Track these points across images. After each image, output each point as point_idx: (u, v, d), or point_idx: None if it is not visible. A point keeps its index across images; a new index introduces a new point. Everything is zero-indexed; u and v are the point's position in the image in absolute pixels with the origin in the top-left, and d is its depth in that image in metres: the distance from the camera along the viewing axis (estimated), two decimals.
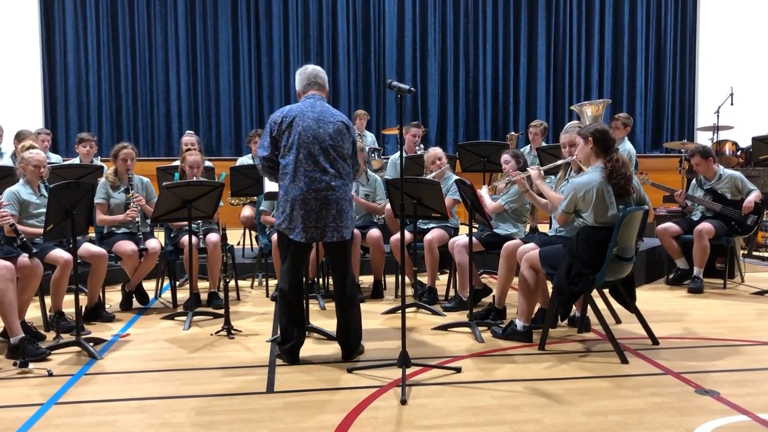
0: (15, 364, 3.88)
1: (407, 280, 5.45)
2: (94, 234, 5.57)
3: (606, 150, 4.10)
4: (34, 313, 4.80)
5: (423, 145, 7.83)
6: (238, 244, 7.34)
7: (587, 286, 4.02)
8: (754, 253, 7.57)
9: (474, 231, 4.83)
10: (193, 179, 5.40)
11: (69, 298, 4.70)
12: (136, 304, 5.53)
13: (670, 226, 6.27)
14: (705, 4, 12.01)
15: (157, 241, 5.40)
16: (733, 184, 6.13)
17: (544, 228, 6.26)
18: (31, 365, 3.87)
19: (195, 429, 3.05)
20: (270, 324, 4.91)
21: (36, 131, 7.51)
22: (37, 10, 10.78)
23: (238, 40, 11.31)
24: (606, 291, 4.49)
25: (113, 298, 5.69)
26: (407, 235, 5.34)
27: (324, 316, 5.09)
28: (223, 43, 11.28)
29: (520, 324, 4.39)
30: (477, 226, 5.27)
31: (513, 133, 9.99)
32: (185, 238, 5.21)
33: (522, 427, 3.02)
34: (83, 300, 4.90)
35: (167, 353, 4.27)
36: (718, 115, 9.17)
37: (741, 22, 11.63)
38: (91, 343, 4.27)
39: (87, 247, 4.91)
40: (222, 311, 4.78)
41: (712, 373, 3.76)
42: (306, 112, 3.89)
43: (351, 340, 4.03)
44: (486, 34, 11.77)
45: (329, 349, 4.24)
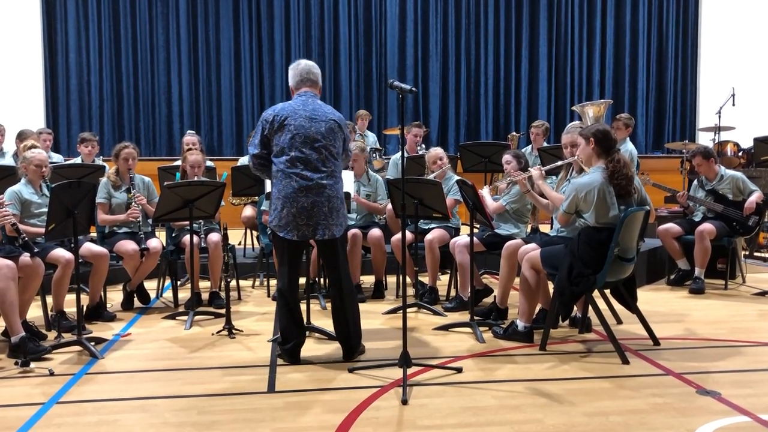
0: (16, 364, 3.89)
1: (408, 280, 5.45)
2: (95, 233, 5.57)
3: (607, 150, 4.10)
4: (35, 313, 4.80)
5: (424, 145, 7.83)
6: (240, 243, 7.35)
7: (588, 287, 4.02)
8: (756, 253, 7.56)
9: (475, 231, 4.83)
10: (195, 179, 5.40)
11: (70, 298, 4.70)
12: (137, 303, 5.54)
13: (672, 226, 6.26)
14: (707, 4, 12.01)
15: (158, 240, 5.41)
16: (734, 185, 6.13)
17: (545, 228, 6.25)
18: (32, 364, 3.88)
19: (196, 428, 3.05)
20: (271, 324, 4.91)
21: (38, 131, 7.52)
22: (39, 10, 10.79)
23: (240, 40, 11.32)
24: (607, 291, 4.49)
25: (114, 297, 5.70)
26: (408, 235, 5.34)
27: (325, 316, 5.09)
28: (225, 43, 11.28)
29: (521, 324, 4.39)
30: (478, 226, 5.27)
31: (514, 133, 9.99)
32: (186, 238, 5.21)
33: (523, 428, 3.01)
34: (84, 299, 4.90)
35: (168, 353, 4.27)
36: (719, 116, 9.16)
37: (742, 22, 11.62)
38: (93, 343, 4.27)
39: (88, 247, 4.91)
40: (223, 311, 4.78)
41: (714, 373, 3.76)
42: (298, 111, 3.89)
43: (351, 340, 4.03)
44: (487, 34, 11.77)
45: (330, 348, 4.25)
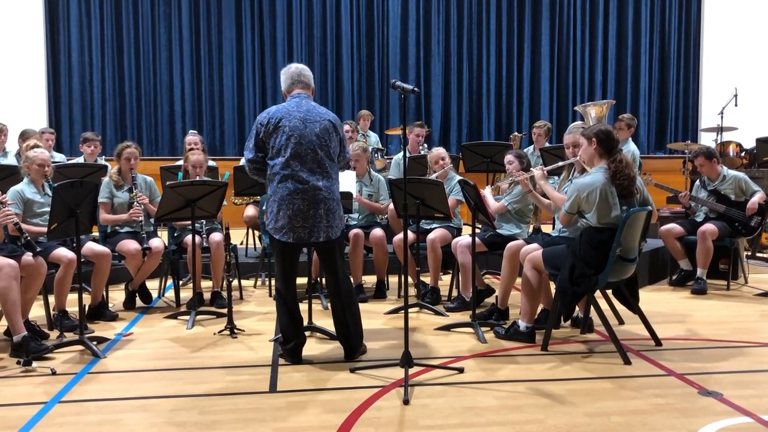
0: (19, 363, 3.90)
1: (410, 280, 5.45)
2: (97, 233, 5.58)
3: (610, 151, 4.10)
4: (37, 312, 4.81)
5: (426, 145, 7.83)
6: (242, 243, 7.35)
7: (590, 287, 4.02)
8: (758, 254, 7.56)
9: (477, 231, 4.83)
10: (197, 179, 5.40)
11: (72, 297, 4.71)
12: (139, 303, 5.55)
13: (674, 227, 6.25)
14: (709, 5, 11.99)
15: (160, 240, 5.41)
16: (737, 185, 6.12)
17: (547, 228, 6.26)
18: (34, 364, 3.89)
19: (198, 428, 3.05)
20: (273, 323, 4.91)
21: (40, 130, 7.53)
22: (42, 9, 10.80)
23: (242, 39, 11.32)
24: (609, 292, 4.48)
25: (116, 297, 5.70)
26: (410, 235, 5.34)
27: (327, 316, 5.07)
28: (227, 42, 11.29)
29: (522, 324, 4.38)
30: (480, 226, 5.27)
31: (516, 133, 9.99)
32: (188, 238, 5.22)
33: (525, 428, 3.01)
34: (87, 299, 4.91)
35: (170, 352, 4.28)
36: (722, 116, 9.15)
37: (745, 23, 11.60)
38: (95, 342, 4.28)
39: (90, 246, 4.92)
40: (225, 310, 4.79)
41: (716, 374, 3.76)
42: (292, 113, 3.89)
43: (352, 340, 4.03)
44: (490, 34, 11.77)
45: (332, 348, 4.25)
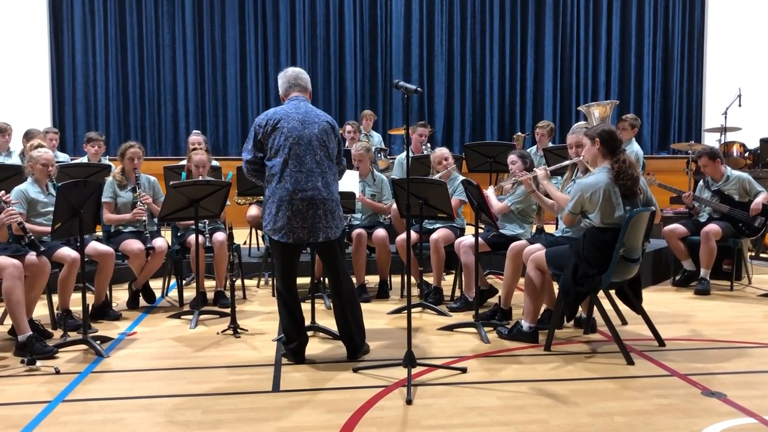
0: (23, 362, 3.91)
1: (413, 280, 5.44)
2: (101, 233, 5.59)
3: (613, 151, 4.10)
4: (41, 311, 4.82)
5: (429, 145, 7.82)
6: (245, 243, 7.36)
7: (593, 287, 4.01)
8: (762, 255, 7.54)
9: (480, 231, 4.83)
10: (200, 178, 5.41)
11: (76, 297, 4.71)
12: (142, 302, 5.55)
13: (677, 227, 6.24)
14: (713, 5, 11.96)
15: (163, 240, 5.42)
16: (740, 186, 6.10)
17: (550, 229, 6.25)
18: (38, 363, 3.90)
19: (201, 427, 3.06)
20: (276, 323, 4.91)
21: (44, 130, 7.55)
22: (46, 10, 10.83)
23: (246, 39, 11.33)
24: (612, 292, 4.48)
25: (120, 296, 5.71)
26: (413, 235, 5.33)
27: (330, 316, 5.07)
28: (231, 42, 11.30)
29: (525, 325, 4.38)
30: (483, 226, 5.27)
31: (519, 133, 9.97)
32: (192, 237, 5.23)
33: (528, 428, 3.01)
34: (90, 298, 4.92)
35: (173, 352, 4.28)
36: (725, 117, 9.14)
37: (749, 23, 11.57)
38: (98, 341, 4.29)
39: (94, 246, 4.93)
40: (228, 310, 4.79)
41: (719, 375, 3.75)
42: (291, 114, 3.89)
43: (354, 339, 4.03)
44: (493, 34, 11.76)
45: (335, 348, 4.25)
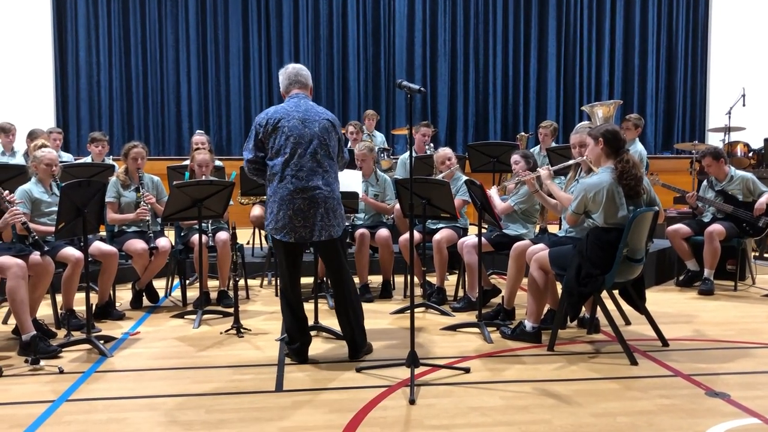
0: (27, 361, 3.92)
1: (416, 280, 5.45)
2: (104, 232, 5.60)
3: (617, 151, 4.09)
4: (45, 311, 4.83)
5: (433, 145, 7.82)
6: (248, 243, 7.37)
7: (597, 287, 4.01)
8: (766, 255, 7.52)
9: (483, 231, 4.83)
10: (203, 178, 5.42)
11: (80, 296, 4.73)
12: (146, 302, 5.56)
13: (681, 227, 6.23)
14: (717, 4, 11.94)
15: (167, 239, 5.43)
16: (744, 186, 6.09)
17: (553, 228, 6.24)
18: (42, 362, 3.90)
19: (204, 427, 3.06)
20: (279, 323, 4.90)
21: (48, 130, 7.57)
22: (50, 10, 10.85)
23: (249, 39, 11.34)
24: (615, 292, 4.48)
25: (124, 296, 5.72)
26: (416, 235, 5.34)
27: (333, 316, 5.07)
28: (234, 42, 11.31)
29: (529, 325, 4.38)
30: (486, 226, 5.26)
31: (523, 133, 9.97)
32: (195, 237, 5.23)
33: (531, 428, 3.01)
34: (94, 298, 4.93)
35: (177, 351, 4.29)
36: (729, 116, 9.11)
37: (753, 22, 11.55)
38: (102, 341, 4.30)
39: (98, 246, 4.94)
40: (231, 310, 4.80)
41: (723, 375, 3.75)
42: (291, 113, 3.89)
43: (356, 339, 4.04)
44: (496, 34, 11.75)
45: (338, 348, 4.26)
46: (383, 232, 5.68)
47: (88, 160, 7.03)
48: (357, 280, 5.12)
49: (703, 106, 12.11)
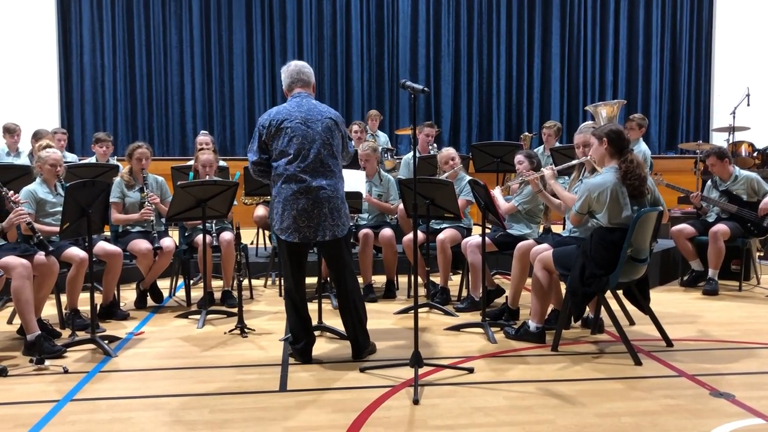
0: (31, 361, 3.93)
1: (420, 280, 5.44)
2: (109, 233, 5.62)
3: (620, 151, 4.08)
4: (50, 311, 4.84)
5: (436, 145, 7.82)
6: (252, 243, 7.37)
7: (601, 288, 4.00)
8: None
9: (487, 231, 4.82)
10: (207, 178, 5.43)
11: (84, 296, 4.74)
12: (150, 302, 5.57)
13: (685, 227, 6.22)
14: (721, 4, 11.91)
15: (171, 239, 5.44)
16: (749, 186, 6.08)
17: (557, 228, 6.24)
18: (47, 362, 3.91)
19: (208, 426, 3.07)
20: (283, 323, 4.92)
21: (53, 131, 7.60)
22: (54, 12, 10.89)
23: (253, 40, 11.36)
24: (620, 292, 4.47)
25: (128, 296, 5.73)
26: (420, 235, 5.33)
27: (337, 315, 5.07)
28: (238, 43, 11.33)
29: (533, 325, 4.37)
30: (490, 226, 5.26)
31: (527, 133, 9.96)
32: (199, 237, 5.24)
33: (534, 428, 3.01)
34: (98, 298, 4.94)
35: (181, 351, 4.30)
36: (733, 116, 9.07)
37: (757, 22, 11.52)
38: (106, 341, 4.30)
39: (102, 246, 4.95)
40: (235, 310, 4.81)
41: (727, 375, 3.74)
42: (293, 114, 3.89)
43: (359, 339, 4.04)
44: (500, 34, 11.74)
45: (342, 348, 4.26)
46: (387, 232, 5.68)
47: (92, 160, 7.05)
48: (361, 280, 5.12)
49: (707, 106, 12.09)
